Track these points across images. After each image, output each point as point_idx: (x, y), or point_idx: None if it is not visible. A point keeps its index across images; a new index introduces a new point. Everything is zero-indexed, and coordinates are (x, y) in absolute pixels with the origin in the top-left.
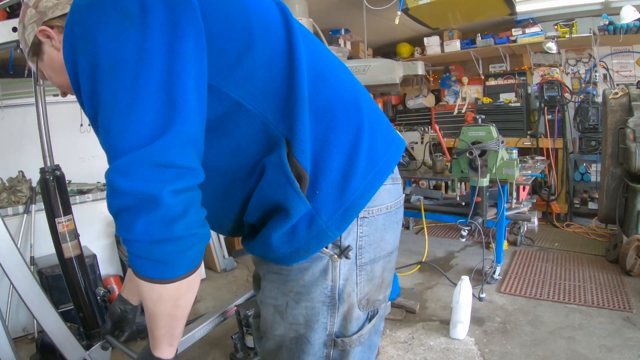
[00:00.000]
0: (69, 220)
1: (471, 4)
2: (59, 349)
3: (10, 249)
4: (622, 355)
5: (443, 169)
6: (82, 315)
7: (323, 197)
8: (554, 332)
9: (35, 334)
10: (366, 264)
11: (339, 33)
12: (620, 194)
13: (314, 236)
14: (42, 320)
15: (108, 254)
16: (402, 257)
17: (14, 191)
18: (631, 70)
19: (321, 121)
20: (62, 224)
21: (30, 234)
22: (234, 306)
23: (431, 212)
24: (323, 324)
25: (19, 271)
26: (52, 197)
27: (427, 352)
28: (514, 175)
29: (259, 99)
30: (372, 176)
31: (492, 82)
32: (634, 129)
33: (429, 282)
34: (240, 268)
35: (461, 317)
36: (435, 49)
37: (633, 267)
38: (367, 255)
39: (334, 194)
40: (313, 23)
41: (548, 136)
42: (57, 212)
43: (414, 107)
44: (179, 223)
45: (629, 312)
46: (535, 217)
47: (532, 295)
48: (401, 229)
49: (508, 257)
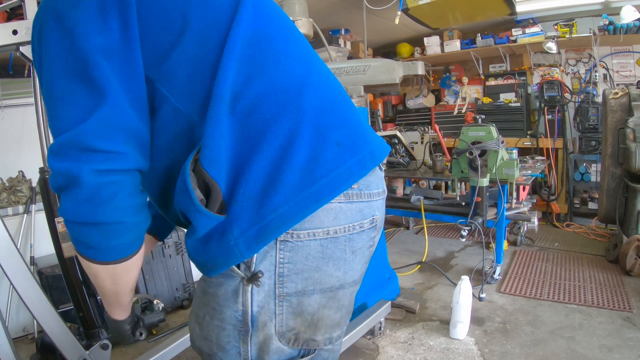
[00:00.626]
0: None
1: (471, 4)
2: (58, 348)
3: (10, 250)
4: (622, 355)
5: (443, 169)
6: (82, 315)
7: (238, 210)
8: (554, 332)
9: (35, 334)
10: (290, 295)
11: (339, 33)
12: (620, 194)
13: (223, 251)
14: (42, 320)
15: None
16: (402, 257)
17: (14, 191)
18: (631, 70)
19: (247, 124)
20: (61, 223)
21: (30, 234)
22: None
23: (431, 212)
24: (236, 348)
25: (19, 271)
26: (52, 197)
27: (427, 352)
28: (514, 175)
29: (186, 95)
30: (307, 194)
31: (492, 82)
32: (634, 129)
33: (429, 282)
34: None
35: (461, 317)
36: (435, 49)
37: (633, 267)
38: (292, 285)
39: (250, 208)
40: (313, 23)
41: (548, 136)
42: (56, 212)
43: (414, 107)
44: (105, 208)
45: (629, 312)
46: (535, 217)
47: (532, 295)
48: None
49: (508, 257)
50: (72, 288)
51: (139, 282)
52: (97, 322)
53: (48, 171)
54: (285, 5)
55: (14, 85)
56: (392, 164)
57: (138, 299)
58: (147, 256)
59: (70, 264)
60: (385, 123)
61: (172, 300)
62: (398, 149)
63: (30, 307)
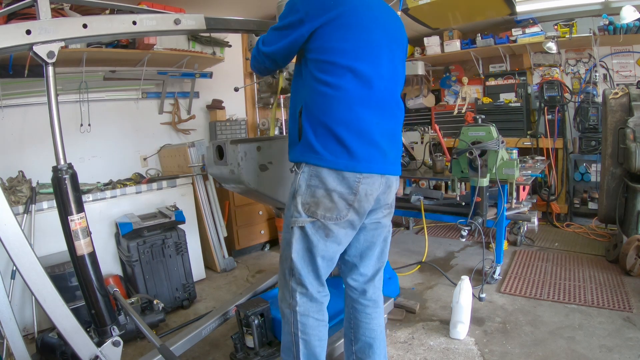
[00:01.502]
0: (82, 218)
1: (471, 4)
2: (71, 346)
3: (23, 248)
4: (622, 355)
5: (443, 169)
6: (94, 313)
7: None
8: (554, 332)
9: (35, 333)
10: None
11: None
12: (620, 194)
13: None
14: (54, 317)
15: (108, 254)
16: (402, 257)
17: (14, 191)
18: (631, 70)
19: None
20: (74, 221)
21: (30, 233)
22: (234, 306)
23: (431, 212)
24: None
25: (32, 270)
26: (65, 196)
27: (427, 352)
28: (514, 175)
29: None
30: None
31: (492, 82)
32: (634, 129)
33: (429, 282)
34: (240, 268)
35: (461, 317)
36: (435, 49)
37: (633, 267)
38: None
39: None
40: None
41: (548, 136)
42: (69, 210)
43: (414, 107)
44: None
45: (629, 312)
46: (535, 217)
47: (532, 295)
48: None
49: (508, 257)
50: (84, 285)
51: (139, 282)
52: (109, 319)
53: (61, 170)
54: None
55: (14, 85)
56: None
57: (138, 298)
58: (147, 256)
59: (82, 261)
60: None
61: (172, 300)
62: None
63: (43, 305)
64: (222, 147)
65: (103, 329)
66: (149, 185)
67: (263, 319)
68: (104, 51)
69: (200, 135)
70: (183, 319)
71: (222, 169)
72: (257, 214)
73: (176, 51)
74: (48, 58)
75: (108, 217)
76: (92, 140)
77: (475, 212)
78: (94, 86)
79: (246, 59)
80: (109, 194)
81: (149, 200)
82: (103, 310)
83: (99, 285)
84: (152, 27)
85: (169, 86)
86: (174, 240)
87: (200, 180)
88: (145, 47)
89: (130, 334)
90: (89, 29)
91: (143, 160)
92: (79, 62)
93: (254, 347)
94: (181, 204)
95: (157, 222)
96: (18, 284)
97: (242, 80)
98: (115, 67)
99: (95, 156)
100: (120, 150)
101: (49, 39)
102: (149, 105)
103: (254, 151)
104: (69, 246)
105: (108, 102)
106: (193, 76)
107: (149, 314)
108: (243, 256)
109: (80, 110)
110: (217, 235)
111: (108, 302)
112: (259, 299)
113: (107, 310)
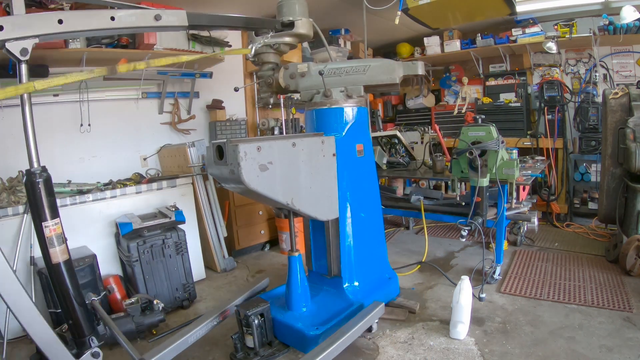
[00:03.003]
0: (57, 224)
1: (471, 4)
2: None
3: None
4: (622, 355)
5: (443, 169)
6: (71, 323)
7: None
8: (554, 332)
9: None
10: None
11: (339, 33)
12: (620, 194)
13: None
14: (30, 329)
15: (108, 254)
16: (402, 257)
17: (14, 191)
18: (631, 70)
19: None
20: (49, 227)
21: (30, 234)
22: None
23: (431, 212)
24: None
25: (6, 280)
26: (39, 201)
27: (427, 352)
28: (514, 175)
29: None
30: None
31: (492, 82)
32: (634, 129)
33: (429, 282)
34: (240, 268)
35: (461, 317)
36: (435, 49)
37: (633, 267)
38: None
39: None
40: (313, 23)
41: (548, 136)
42: (43, 216)
43: (414, 107)
44: None
45: (629, 312)
46: (535, 217)
47: (532, 295)
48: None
49: (508, 257)
50: (61, 295)
51: (139, 282)
52: (87, 329)
53: (34, 173)
54: (285, 5)
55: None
56: (392, 164)
57: (138, 298)
58: (147, 256)
59: (57, 270)
60: (385, 123)
61: (172, 300)
62: (398, 149)
63: (18, 316)
64: (222, 147)
65: (81, 340)
66: (149, 185)
67: (263, 319)
68: (104, 51)
69: (200, 135)
70: (183, 319)
71: (222, 169)
72: (257, 214)
73: (176, 51)
74: (21, 55)
75: (108, 217)
76: (92, 140)
77: (475, 212)
78: (94, 86)
79: (246, 58)
80: (109, 194)
81: (149, 200)
82: (81, 320)
83: (76, 294)
84: (131, 23)
85: (169, 86)
86: (174, 240)
87: (200, 180)
88: (145, 47)
89: (131, 334)
90: (65, 25)
91: (143, 160)
92: (79, 62)
93: (254, 347)
94: (181, 204)
95: (157, 222)
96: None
97: (242, 80)
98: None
99: (95, 156)
100: (120, 150)
101: (22, 35)
102: (149, 105)
103: (254, 151)
104: (43, 254)
105: (108, 102)
106: (193, 76)
107: (149, 314)
108: (243, 256)
109: (80, 110)
110: (217, 235)
111: (86, 312)
112: (258, 299)
113: (85, 320)
